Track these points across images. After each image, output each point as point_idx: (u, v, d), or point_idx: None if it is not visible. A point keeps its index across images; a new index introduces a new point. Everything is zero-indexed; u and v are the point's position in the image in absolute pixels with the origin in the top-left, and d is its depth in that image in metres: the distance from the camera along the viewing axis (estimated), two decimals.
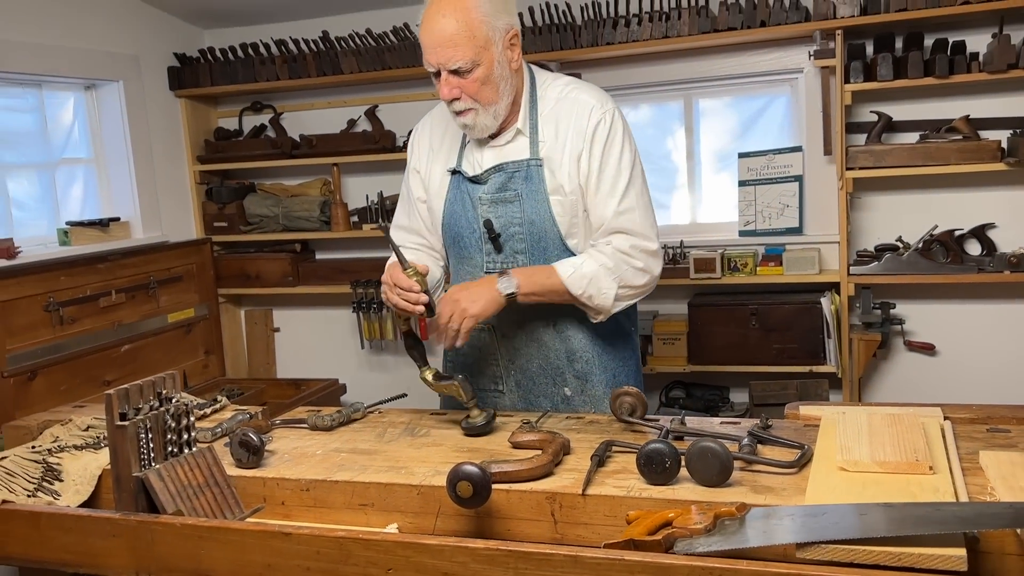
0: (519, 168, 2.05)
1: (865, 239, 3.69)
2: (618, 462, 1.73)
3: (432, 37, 1.93)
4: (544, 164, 2.05)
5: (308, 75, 4.04)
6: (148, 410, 1.73)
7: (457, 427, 2.03)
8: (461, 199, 2.11)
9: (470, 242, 2.11)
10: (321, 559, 1.50)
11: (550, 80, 2.13)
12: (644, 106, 4.08)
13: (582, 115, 2.03)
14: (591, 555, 1.35)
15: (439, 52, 1.92)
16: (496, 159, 2.08)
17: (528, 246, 2.06)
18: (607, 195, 2.03)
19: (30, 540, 1.73)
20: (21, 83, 3.58)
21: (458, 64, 1.92)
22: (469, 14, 1.91)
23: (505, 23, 1.97)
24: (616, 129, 2.04)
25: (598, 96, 2.08)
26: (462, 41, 1.91)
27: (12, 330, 3.21)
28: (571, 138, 2.04)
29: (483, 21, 1.92)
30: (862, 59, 3.45)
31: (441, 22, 1.91)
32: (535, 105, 2.08)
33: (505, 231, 2.07)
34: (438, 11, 1.92)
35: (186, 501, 1.72)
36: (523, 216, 2.05)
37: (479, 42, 1.92)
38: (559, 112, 2.07)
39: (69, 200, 3.85)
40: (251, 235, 4.32)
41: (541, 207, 2.04)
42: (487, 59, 1.94)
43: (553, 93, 2.09)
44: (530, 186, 2.04)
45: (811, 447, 1.68)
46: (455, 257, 2.19)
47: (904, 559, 1.25)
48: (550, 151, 2.05)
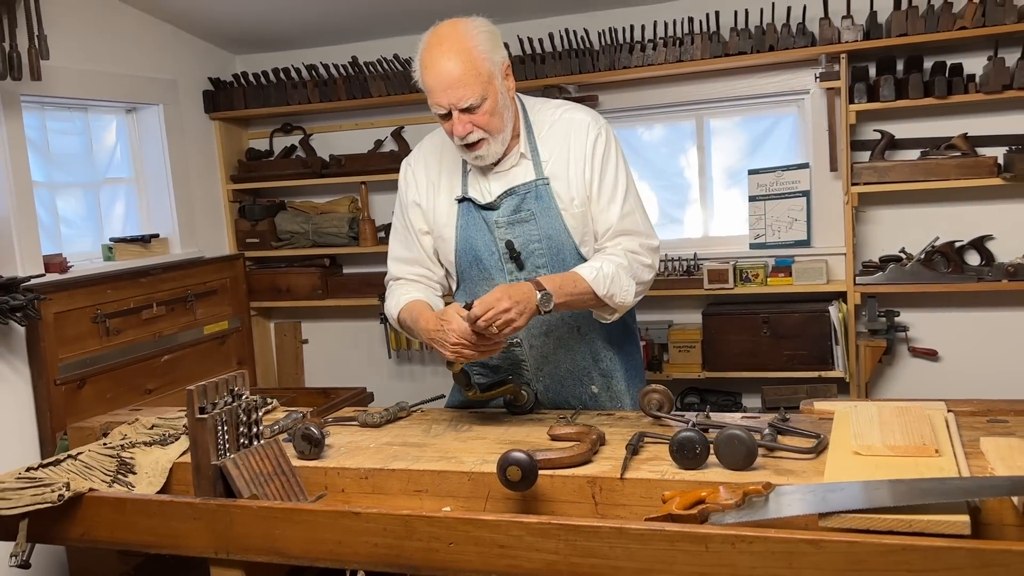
0: (529, 189, 2.17)
1: (870, 250, 3.82)
2: (650, 451, 1.88)
3: (440, 80, 2.02)
4: (550, 182, 2.18)
5: (338, 98, 4.22)
6: (223, 405, 1.90)
7: (497, 423, 2.19)
8: (476, 224, 2.21)
9: (490, 263, 2.21)
10: (388, 535, 1.65)
11: (539, 105, 2.26)
12: (658, 126, 4.25)
13: (580, 132, 2.17)
14: (635, 527, 1.51)
15: (450, 93, 2.02)
16: (504, 183, 2.19)
17: (548, 259, 2.19)
18: (609, 201, 2.18)
19: (116, 524, 1.88)
20: (69, 107, 3.76)
21: (470, 102, 2.02)
22: (471, 54, 2.02)
23: (500, 56, 2.09)
24: (611, 142, 2.19)
25: (591, 114, 2.23)
26: (470, 80, 2.01)
27: (64, 340, 3.35)
28: (574, 155, 2.17)
29: (484, 58, 2.03)
30: (865, 81, 3.59)
31: (447, 65, 2.01)
32: (531, 129, 2.21)
33: (525, 248, 2.18)
34: (441, 55, 2.02)
35: (258, 488, 1.88)
36: (540, 233, 2.17)
37: (484, 77, 2.03)
38: (557, 133, 2.20)
39: (112, 217, 4.02)
40: (282, 250, 4.49)
41: (555, 222, 2.17)
42: (492, 92, 2.05)
43: (546, 116, 2.22)
44: (542, 204, 2.17)
45: (826, 436, 1.83)
46: (474, 278, 2.26)
47: (914, 525, 1.40)
48: (554, 169, 2.18)
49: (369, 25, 4.19)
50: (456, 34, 2.03)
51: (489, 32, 2.07)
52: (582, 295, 2.11)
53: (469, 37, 2.03)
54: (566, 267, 2.18)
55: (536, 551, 1.56)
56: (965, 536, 1.37)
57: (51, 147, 3.69)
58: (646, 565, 1.50)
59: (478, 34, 2.04)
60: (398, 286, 2.35)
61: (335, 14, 4.05)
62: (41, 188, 3.54)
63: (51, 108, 3.69)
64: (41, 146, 3.62)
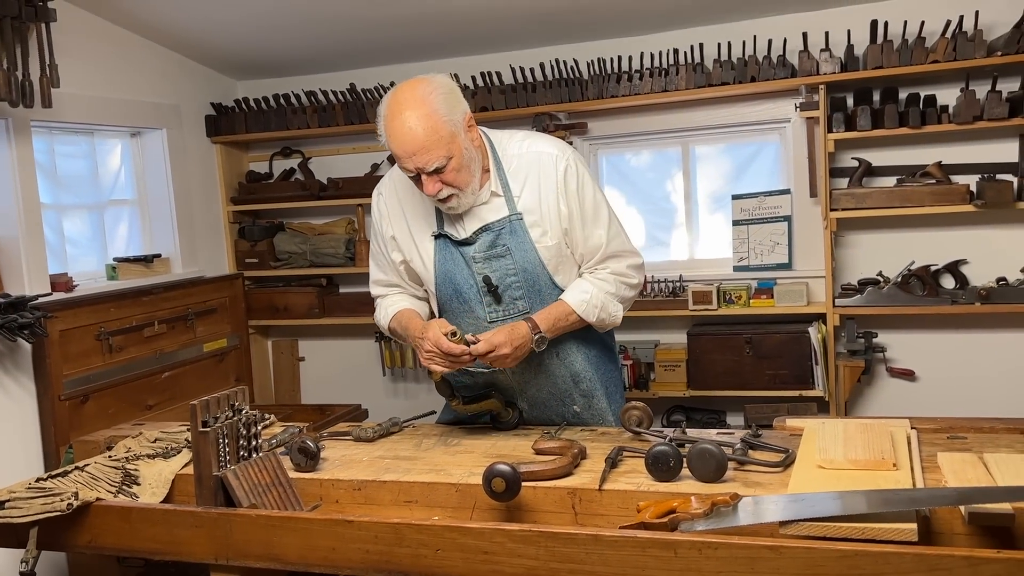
0: (503, 225, 2.22)
1: (849, 274, 3.94)
2: (628, 464, 1.98)
3: (405, 147, 2.05)
4: (524, 216, 2.23)
5: (336, 123, 4.35)
6: (224, 419, 2.01)
7: (485, 437, 2.29)
8: (453, 259, 2.26)
9: (470, 296, 2.27)
10: (379, 542, 1.74)
11: (505, 138, 2.29)
12: (645, 152, 4.37)
13: (548, 166, 2.21)
14: (609, 534, 1.61)
15: (415, 159, 2.05)
16: (478, 221, 2.24)
17: (524, 292, 2.25)
18: (593, 226, 2.25)
19: (121, 532, 1.97)
20: (76, 131, 3.88)
21: (435, 165, 2.06)
22: (431, 119, 2.03)
23: (460, 112, 2.10)
24: (582, 170, 2.24)
25: (556, 145, 2.27)
26: (432, 145, 2.04)
27: (68, 357, 3.45)
28: (545, 189, 2.21)
29: (444, 120, 2.05)
30: (843, 111, 3.72)
31: (409, 133, 2.03)
32: (500, 166, 2.24)
33: (502, 282, 2.24)
34: (403, 123, 2.04)
35: (256, 498, 1.98)
36: (516, 266, 2.23)
37: (446, 139, 2.05)
38: (524, 167, 2.23)
39: (116, 238, 4.12)
40: (280, 270, 4.61)
41: (530, 255, 2.23)
42: (456, 150, 2.08)
43: (512, 150, 2.26)
44: (516, 239, 2.22)
45: (795, 451, 1.94)
46: (455, 310, 2.31)
47: (867, 532, 1.50)
48: (527, 204, 2.23)
49: (367, 53, 4.32)
50: (415, 100, 2.05)
51: (447, 92, 2.10)
52: (572, 325, 2.26)
53: (427, 102, 2.05)
54: (542, 297, 2.27)
55: (517, 557, 1.65)
56: (913, 543, 1.47)
57: (58, 170, 3.80)
58: (619, 570, 1.59)
59: (436, 97, 2.06)
60: (384, 300, 2.47)
61: (334, 42, 4.19)
62: (48, 210, 3.64)
63: (59, 132, 3.81)
64: (49, 169, 3.73)
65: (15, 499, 2.03)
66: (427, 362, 2.16)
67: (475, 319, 2.29)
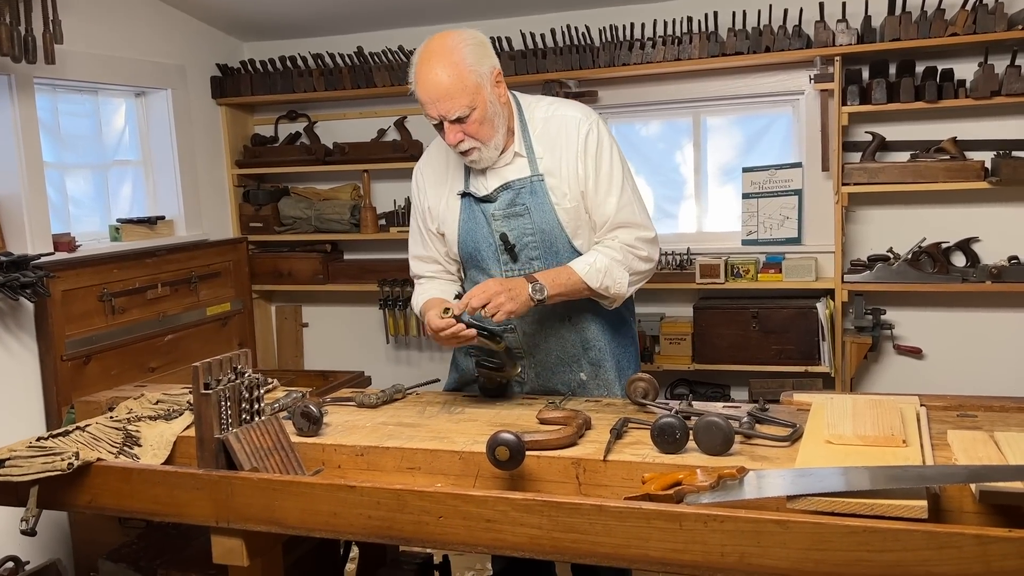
0: (524, 185, 2.25)
1: (858, 249, 3.90)
2: (633, 436, 1.96)
3: (430, 93, 2.11)
4: (545, 178, 2.25)
5: (343, 87, 4.30)
6: (227, 381, 1.99)
7: (489, 406, 2.26)
8: (474, 217, 2.30)
9: (487, 255, 2.30)
10: (381, 508, 1.72)
11: (533, 103, 2.32)
12: (655, 122, 4.32)
13: (572, 129, 2.24)
14: (613, 505, 1.58)
15: (439, 106, 2.11)
16: (501, 179, 2.27)
17: (541, 252, 2.27)
18: (606, 194, 2.25)
19: (122, 492, 1.96)
20: (80, 90, 3.83)
21: (457, 113, 2.11)
22: (458, 67, 2.09)
23: (488, 66, 2.15)
24: (603, 135, 2.26)
25: (582, 109, 2.29)
26: (456, 92, 2.09)
27: (71, 318, 3.44)
28: (566, 151, 2.24)
29: (471, 70, 2.11)
30: (858, 83, 3.66)
31: (435, 79, 2.10)
32: (526, 128, 2.28)
33: (519, 241, 2.27)
34: (430, 70, 2.11)
35: (258, 461, 1.96)
36: (534, 226, 2.26)
37: (471, 89, 2.10)
38: (549, 130, 2.27)
39: (119, 199, 4.09)
40: (284, 235, 4.58)
41: (548, 216, 2.25)
42: (480, 102, 2.13)
43: (539, 114, 2.29)
44: (536, 199, 2.24)
45: (802, 426, 1.91)
46: (473, 268, 2.37)
47: (876, 508, 1.48)
48: (548, 166, 2.25)
49: (375, 16, 4.26)
50: (444, 49, 2.11)
51: (476, 44, 2.15)
52: (575, 287, 2.23)
53: (456, 51, 2.10)
54: (559, 260, 2.27)
55: (520, 526, 1.64)
56: (923, 520, 1.44)
57: (62, 128, 3.76)
58: (623, 541, 1.58)
59: (465, 47, 2.11)
60: (420, 285, 2.48)
61: (342, 5, 4.12)
62: (51, 168, 3.61)
63: (63, 91, 3.76)
64: (52, 127, 3.69)
65: (15, 458, 2.01)
66: (447, 343, 2.17)
67: (490, 276, 2.30)
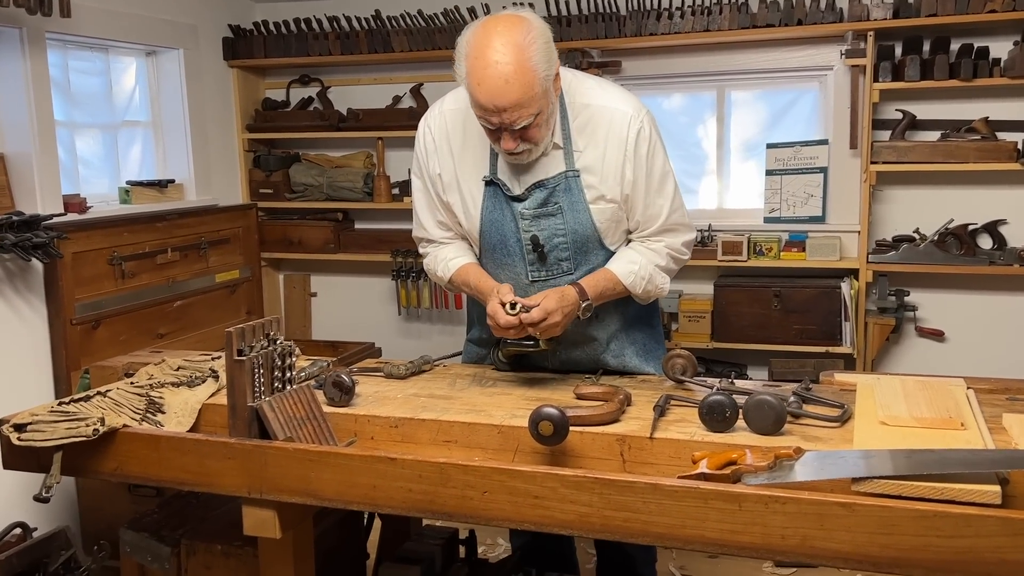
0: (559, 182, 2.07)
1: (881, 230, 3.84)
2: (677, 413, 1.91)
3: (495, 100, 1.86)
4: (581, 175, 2.07)
5: (359, 51, 4.18)
6: (260, 348, 1.92)
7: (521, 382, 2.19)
8: (500, 210, 2.12)
9: (513, 251, 2.14)
10: (423, 481, 1.67)
11: (576, 85, 2.10)
12: (677, 95, 4.24)
13: (620, 126, 2.05)
14: (669, 483, 1.53)
15: (505, 115, 1.88)
16: (534, 175, 2.09)
17: (571, 254, 2.13)
18: (656, 197, 2.11)
19: (148, 460, 1.90)
20: (90, 46, 3.72)
21: (524, 123, 1.90)
22: (529, 76, 1.85)
23: (554, 65, 1.93)
24: (654, 135, 2.09)
25: (632, 103, 2.09)
26: (526, 102, 1.87)
27: (80, 281, 3.36)
28: (611, 150, 2.06)
29: (543, 76, 1.88)
30: (891, 60, 3.59)
31: (502, 87, 1.84)
32: (566, 116, 2.07)
33: (549, 242, 2.11)
34: (497, 73, 1.84)
35: (292, 431, 1.90)
36: (566, 227, 2.10)
37: (538, 96, 1.89)
38: (593, 122, 2.07)
39: (129, 161, 4.00)
40: (295, 203, 4.49)
41: (582, 216, 2.09)
42: (544, 106, 1.93)
43: (582, 99, 2.08)
44: (570, 197, 2.08)
45: (850, 406, 1.87)
46: (494, 263, 2.19)
47: (946, 493, 1.43)
48: (587, 161, 2.07)
49: None
50: (513, 47, 1.84)
51: (546, 41, 1.90)
52: (617, 294, 2.15)
53: (527, 53, 1.85)
54: (588, 260, 2.15)
55: (570, 503, 1.59)
56: (995, 505, 1.40)
57: (72, 86, 3.66)
58: (678, 521, 1.53)
59: (535, 49, 1.86)
60: (440, 250, 2.30)
61: None
62: (61, 127, 3.52)
63: (73, 48, 3.66)
64: (63, 85, 3.59)
65: (38, 422, 1.95)
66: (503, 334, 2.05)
67: (515, 274, 2.17)
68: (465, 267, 2.24)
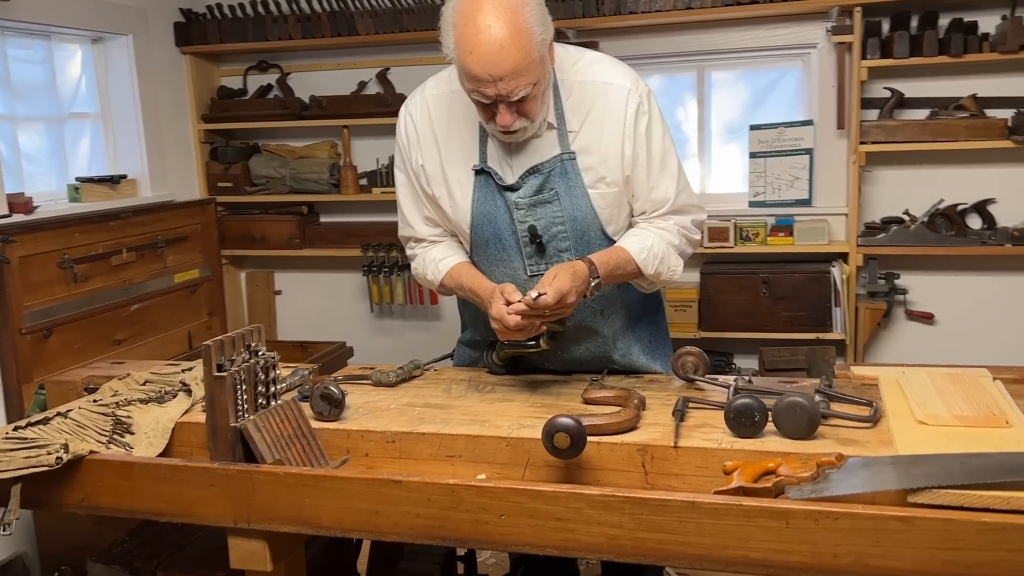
0: (554, 166, 1.93)
1: (870, 212, 3.77)
2: (696, 417, 1.77)
3: (491, 69, 1.70)
4: (578, 156, 1.93)
5: (321, 35, 3.99)
6: (241, 362, 1.74)
7: (521, 386, 2.03)
8: (493, 201, 1.97)
9: (509, 244, 1.99)
10: (432, 505, 1.51)
11: (566, 58, 1.95)
12: (656, 76, 4.10)
13: (617, 102, 1.91)
14: (708, 501, 1.40)
15: (501, 85, 1.72)
16: (527, 159, 1.94)
17: (572, 243, 1.98)
18: (660, 176, 1.97)
19: (120, 490, 1.72)
20: (31, 33, 3.48)
21: (522, 93, 1.74)
22: (525, 39, 1.70)
23: (550, 30, 1.79)
24: (654, 110, 1.95)
25: (629, 76, 1.95)
26: (524, 69, 1.71)
27: (29, 287, 3.13)
28: (608, 128, 1.92)
29: (539, 40, 1.73)
30: (878, 36, 3.50)
31: (498, 53, 1.69)
32: (558, 93, 1.93)
33: (547, 232, 1.96)
34: (491, 39, 1.68)
35: (280, 451, 1.73)
36: (564, 214, 1.95)
37: (536, 63, 1.73)
38: (587, 98, 1.92)
39: (77, 156, 3.76)
40: (256, 196, 4.28)
41: (581, 201, 1.95)
42: (542, 75, 1.78)
43: (576, 76, 1.93)
44: (567, 182, 1.94)
45: (878, 404, 1.75)
46: (488, 259, 2.03)
47: (1013, 502, 1.32)
48: (583, 142, 1.93)
49: None
50: (505, 8, 1.69)
51: (538, 2, 1.75)
52: (628, 274, 1.98)
53: (521, 15, 1.69)
54: (591, 249, 1.97)
55: (597, 524, 1.45)
56: None
57: (12, 77, 3.41)
58: (719, 541, 1.40)
59: (530, 10, 1.71)
60: (426, 250, 2.13)
61: None
62: (2, 121, 3.30)
63: (12, 34, 3.41)
64: (2, 75, 3.36)
65: None
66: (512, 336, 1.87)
67: (511, 270, 2.00)
68: (457, 267, 2.06)
